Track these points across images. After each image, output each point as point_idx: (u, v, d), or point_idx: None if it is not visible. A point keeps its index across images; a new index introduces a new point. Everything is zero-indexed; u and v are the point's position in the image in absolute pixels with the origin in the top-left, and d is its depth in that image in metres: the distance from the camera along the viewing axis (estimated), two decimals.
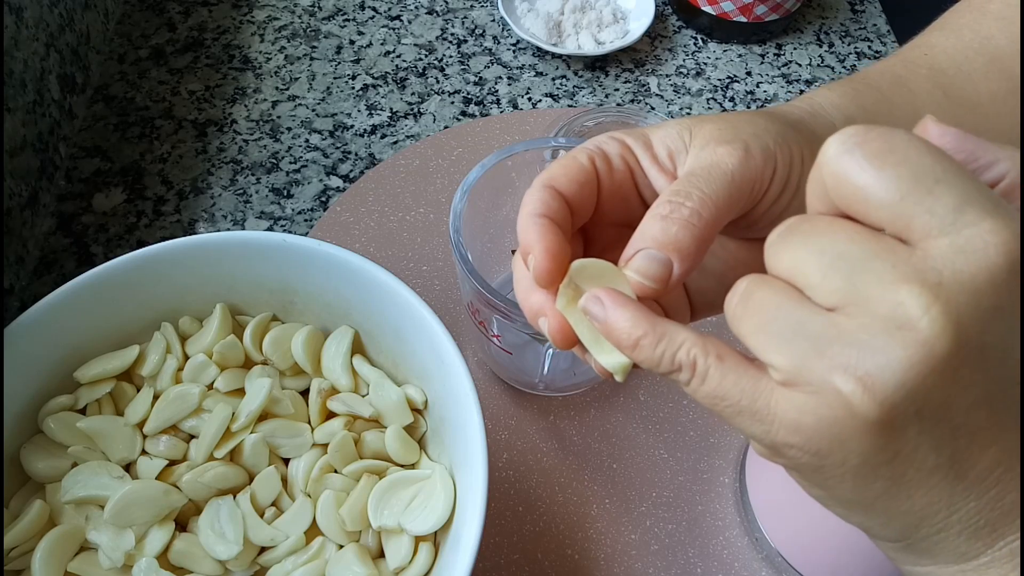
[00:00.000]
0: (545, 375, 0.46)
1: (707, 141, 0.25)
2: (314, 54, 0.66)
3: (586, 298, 0.23)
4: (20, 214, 0.52)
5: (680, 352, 0.22)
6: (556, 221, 0.25)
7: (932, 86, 0.31)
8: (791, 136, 0.26)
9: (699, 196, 0.23)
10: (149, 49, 0.65)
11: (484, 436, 0.33)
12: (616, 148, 0.27)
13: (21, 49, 0.52)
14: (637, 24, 0.67)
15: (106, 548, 0.35)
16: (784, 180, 0.25)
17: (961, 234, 0.18)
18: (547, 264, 0.24)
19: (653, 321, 0.22)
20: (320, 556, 0.36)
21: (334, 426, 0.38)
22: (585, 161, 0.26)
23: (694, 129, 0.26)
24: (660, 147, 0.27)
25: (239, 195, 0.58)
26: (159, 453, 0.37)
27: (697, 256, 0.23)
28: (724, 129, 0.25)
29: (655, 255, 0.23)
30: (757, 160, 0.25)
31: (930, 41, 0.33)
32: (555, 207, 0.25)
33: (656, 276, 0.23)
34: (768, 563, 0.44)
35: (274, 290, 0.41)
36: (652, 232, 0.23)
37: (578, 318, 0.24)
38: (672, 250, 0.23)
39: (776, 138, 0.26)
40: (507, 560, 0.44)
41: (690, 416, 0.49)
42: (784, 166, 0.25)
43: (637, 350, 0.22)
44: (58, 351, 0.37)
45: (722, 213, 0.24)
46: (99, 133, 0.60)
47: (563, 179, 0.26)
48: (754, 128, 0.26)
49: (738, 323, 0.21)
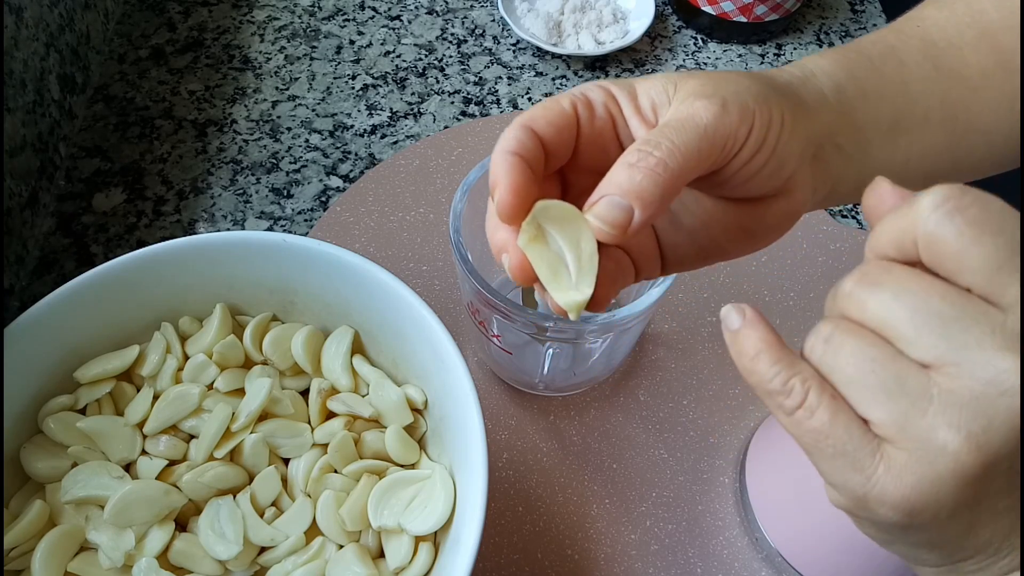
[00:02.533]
0: (545, 375, 0.46)
1: (688, 95, 0.26)
2: (314, 54, 0.66)
3: (728, 308, 0.23)
4: (20, 214, 0.52)
5: (795, 378, 0.22)
6: (527, 160, 0.25)
7: (922, 58, 0.32)
8: (774, 98, 0.26)
9: (668, 146, 0.24)
10: (149, 49, 0.65)
11: (484, 436, 0.33)
12: (601, 96, 0.27)
13: (21, 49, 0.52)
14: (637, 24, 0.67)
15: (106, 548, 0.35)
16: (760, 140, 0.26)
17: None
18: (510, 200, 0.24)
19: (782, 346, 0.23)
20: (320, 556, 0.36)
21: (334, 426, 0.38)
22: (567, 106, 0.26)
23: (679, 83, 0.26)
24: (644, 98, 0.27)
25: (239, 195, 0.58)
26: (159, 453, 0.37)
27: (660, 205, 0.24)
28: (706, 84, 0.26)
29: (617, 201, 0.23)
30: (733, 117, 0.25)
31: (923, 14, 0.34)
32: (529, 146, 0.25)
33: (615, 222, 0.24)
34: (768, 563, 0.44)
35: (274, 290, 0.41)
36: (618, 179, 0.24)
37: (538, 255, 0.24)
38: (634, 197, 0.23)
39: (757, 98, 0.26)
40: (507, 560, 0.44)
41: (690, 416, 0.49)
42: (762, 126, 0.26)
43: (755, 361, 0.22)
44: (58, 351, 0.37)
45: (690, 165, 0.24)
46: (99, 133, 0.60)
47: (541, 121, 0.26)
48: (736, 86, 0.26)
49: (830, 371, 0.21)
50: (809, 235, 0.58)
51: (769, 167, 0.26)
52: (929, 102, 0.31)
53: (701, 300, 0.54)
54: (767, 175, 0.27)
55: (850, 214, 0.60)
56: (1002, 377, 0.19)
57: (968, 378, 0.19)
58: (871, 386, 0.20)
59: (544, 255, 0.24)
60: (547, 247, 0.25)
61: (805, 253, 0.57)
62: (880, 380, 0.20)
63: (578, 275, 0.24)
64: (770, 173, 0.27)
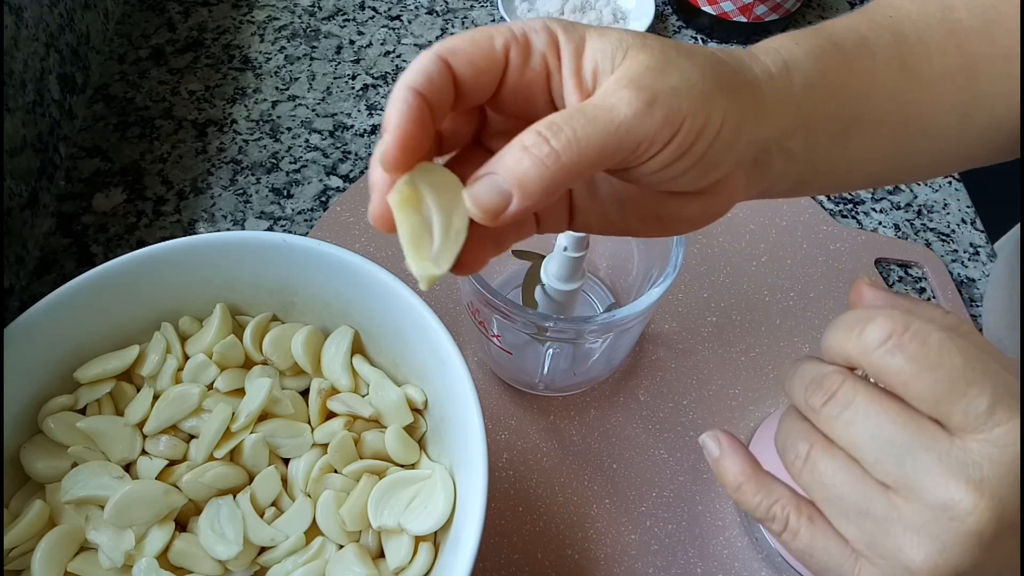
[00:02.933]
0: (545, 375, 0.46)
1: (623, 77, 0.23)
2: (314, 54, 0.66)
3: (707, 435, 0.27)
4: (20, 214, 0.52)
5: (775, 506, 0.25)
6: (430, 102, 0.23)
7: (892, 55, 0.30)
8: (721, 100, 0.24)
9: (568, 137, 0.22)
10: (149, 49, 0.65)
11: (484, 436, 0.33)
12: (543, 42, 0.24)
13: (21, 49, 0.52)
14: (637, 24, 0.67)
15: (106, 548, 0.35)
16: (684, 147, 0.24)
17: (994, 432, 0.21)
18: (395, 154, 0.22)
19: (757, 473, 0.26)
20: (320, 556, 0.36)
21: (334, 426, 0.38)
22: (498, 47, 0.24)
23: (629, 53, 0.24)
24: (589, 60, 0.24)
25: (239, 195, 0.58)
26: (159, 453, 0.37)
27: (541, 198, 0.22)
28: (651, 69, 0.23)
29: (498, 184, 0.22)
30: (655, 119, 0.23)
31: (896, 3, 0.32)
32: (437, 85, 0.23)
33: (489, 206, 0.22)
34: (768, 563, 0.44)
35: (274, 290, 0.41)
36: (507, 161, 0.22)
37: (404, 216, 0.23)
38: (516, 185, 0.22)
39: (699, 98, 0.24)
40: (507, 560, 0.44)
41: (690, 416, 0.49)
42: (689, 133, 0.23)
43: (739, 492, 0.26)
44: (58, 351, 0.37)
45: (588, 162, 0.22)
46: (99, 133, 0.60)
47: (462, 57, 0.23)
48: (681, 79, 0.23)
49: (809, 489, 0.24)
50: (809, 235, 0.58)
51: (692, 173, 0.25)
52: (888, 105, 0.30)
53: (701, 300, 0.54)
54: (689, 179, 0.25)
55: (850, 214, 0.60)
56: (951, 504, 0.21)
57: (920, 503, 0.21)
58: (843, 508, 0.23)
59: (411, 218, 0.23)
60: (417, 211, 0.23)
61: (805, 253, 0.57)
62: (850, 503, 0.23)
63: (440, 248, 0.23)
64: (693, 178, 0.25)
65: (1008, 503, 0.21)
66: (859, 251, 0.57)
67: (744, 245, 0.57)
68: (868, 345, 0.22)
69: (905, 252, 0.57)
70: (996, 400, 0.21)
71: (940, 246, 0.59)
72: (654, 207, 0.27)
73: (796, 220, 0.58)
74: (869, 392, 0.23)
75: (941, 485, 0.21)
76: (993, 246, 0.59)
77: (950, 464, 0.21)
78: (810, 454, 0.24)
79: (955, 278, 0.57)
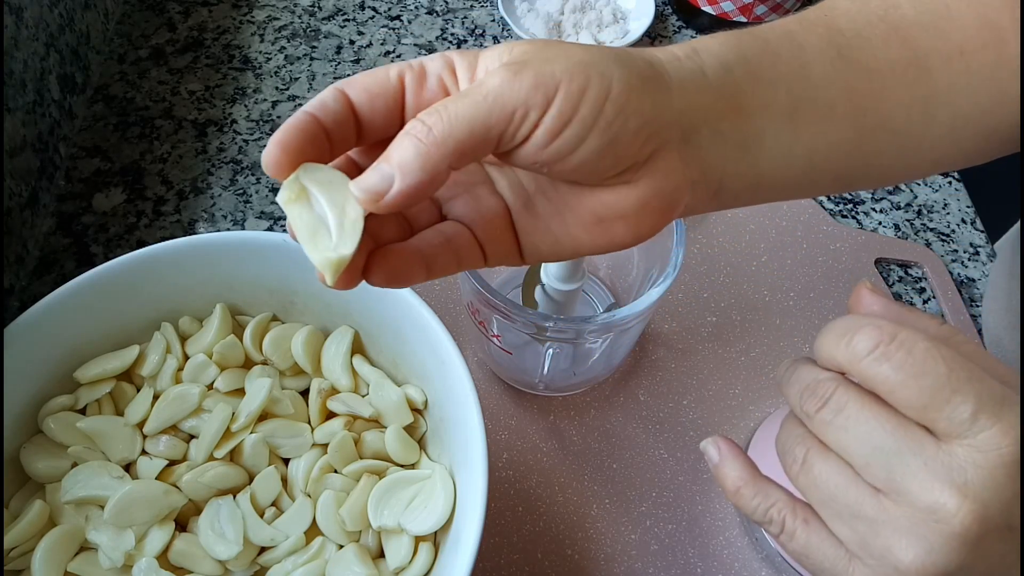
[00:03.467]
0: (545, 375, 0.46)
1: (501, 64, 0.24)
2: (314, 54, 0.66)
3: (707, 441, 0.28)
4: (20, 214, 0.52)
5: (772, 509, 0.26)
6: (322, 122, 0.24)
7: (825, 44, 0.29)
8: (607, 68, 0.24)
9: (439, 113, 0.22)
10: (149, 49, 0.65)
11: (484, 436, 0.33)
12: (438, 67, 0.25)
13: (21, 49, 0.52)
14: (637, 24, 0.67)
15: (106, 548, 0.35)
16: (567, 112, 0.23)
17: (978, 438, 0.22)
18: (273, 153, 0.23)
19: (755, 477, 0.27)
20: (320, 556, 0.36)
21: (334, 426, 0.38)
22: (393, 76, 0.25)
23: (514, 49, 0.24)
24: (481, 68, 0.25)
25: (239, 195, 0.58)
26: (159, 453, 0.37)
27: (422, 175, 0.22)
28: (527, 52, 0.24)
29: (382, 170, 0.22)
30: (524, 83, 0.23)
31: (834, 3, 0.31)
32: (331, 109, 0.24)
33: (371, 189, 0.22)
34: (768, 563, 0.44)
35: (274, 290, 0.41)
36: (391, 149, 0.23)
37: (297, 214, 0.24)
38: (396, 166, 0.22)
39: (578, 66, 0.23)
40: (507, 560, 0.44)
41: (690, 416, 0.49)
42: (569, 96, 0.23)
43: (737, 496, 0.27)
44: (58, 351, 0.37)
45: (461, 134, 0.22)
46: (99, 133, 0.60)
47: (357, 87, 0.25)
48: (556, 55, 0.24)
49: (804, 492, 0.25)
50: (809, 235, 0.58)
51: (592, 144, 0.24)
52: (832, 92, 0.29)
53: (701, 300, 0.54)
54: (596, 154, 0.24)
55: (850, 214, 0.60)
56: (937, 507, 0.22)
57: (908, 506, 0.22)
58: (836, 510, 0.24)
59: (304, 215, 0.24)
60: (309, 208, 0.24)
61: (805, 253, 0.57)
62: (843, 505, 0.24)
63: (339, 237, 0.23)
64: (600, 151, 0.24)
65: (991, 506, 0.22)
66: (859, 251, 0.57)
67: (744, 245, 0.57)
68: (856, 354, 0.23)
69: (905, 252, 0.57)
70: (980, 407, 0.22)
71: (940, 246, 0.59)
72: (592, 207, 0.26)
73: (796, 220, 0.58)
74: (861, 399, 0.24)
75: (927, 489, 0.22)
76: (993, 246, 0.59)
77: (936, 469, 0.22)
78: (807, 458, 0.25)
79: (955, 278, 0.57)
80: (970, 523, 0.22)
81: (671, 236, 0.40)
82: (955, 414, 0.22)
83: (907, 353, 0.23)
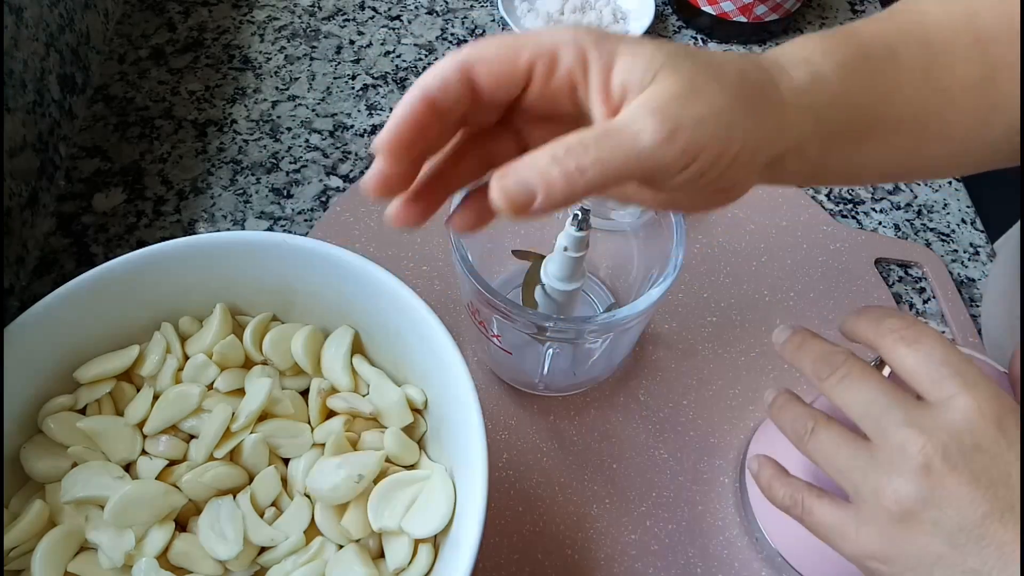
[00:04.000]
0: (545, 375, 0.46)
1: (651, 100, 0.24)
2: (314, 54, 0.66)
3: (752, 458, 0.36)
4: (20, 214, 0.52)
5: (796, 494, 0.33)
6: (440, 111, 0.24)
7: (918, 64, 0.30)
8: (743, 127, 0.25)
9: (594, 157, 0.23)
10: (149, 49, 0.65)
11: (484, 436, 0.33)
12: (570, 59, 0.25)
13: (21, 49, 0.52)
14: (637, 24, 0.67)
15: (106, 548, 0.35)
16: (698, 173, 0.25)
17: (951, 401, 0.28)
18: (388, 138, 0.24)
19: (783, 473, 0.34)
20: (320, 556, 0.36)
21: (334, 426, 0.38)
22: (523, 62, 0.25)
23: (659, 76, 0.24)
24: (617, 79, 0.25)
25: (239, 195, 0.58)
26: (159, 453, 0.37)
27: (562, 204, 0.23)
28: (677, 98, 0.24)
29: (528, 183, 0.23)
30: (675, 149, 0.24)
31: (923, 8, 0.32)
32: (452, 96, 0.24)
33: (516, 199, 0.23)
34: (768, 563, 0.44)
35: (274, 290, 0.41)
36: (538, 164, 0.23)
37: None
38: (543, 187, 0.23)
39: (722, 128, 0.25)
40: (507, 560, 0.44)
41: (690, 416, 0.49)
42: (706, 161, 0.25)
43: (770, 489, 0.34)
44: (58, 351, 0.37)
45: (609, 181, 0.24)
46: (99, 133, 0.60)
47: (483, 68, 0.24)
48: (708, 109, 0.24)
49: (812, 454, 0.32)
50: (809, 235, 0.58)
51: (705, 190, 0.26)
52: (905, 112, 0.30)
53: (701, 300, 0.54)
54: (704, 199, 0.29)
55: (850, 214, 0.60)
56: (904, 443, 0.28)
57: (887, 448, 0.29)
58: (838, 466, 0.30)
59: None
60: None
61: (805, 253, 0.57)
62: (843, 458, 0.30)
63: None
64: (707, 198, 0.28)
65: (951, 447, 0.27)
66: (859, 251, 0.57)
67: (744, 245, 0.57)
68: (883, 335, 0.30)
69: (905, 252, 0.57)
70: (965, 384, 0.28)
71: (940, 246, 0.59)
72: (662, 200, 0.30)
73: (796, 220, 0.58)
74: (863, 368, 0.31)
75: (901, 431, 0.28)
76: (993, 246, 0.59)
77: (911, 418, 0.28)
78: (814, 428, 0.31)
79: (955, 278, 0.57)
80: (931, 454, 0.27)
81: (671, 236, 0.40)
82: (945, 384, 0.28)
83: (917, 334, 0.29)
